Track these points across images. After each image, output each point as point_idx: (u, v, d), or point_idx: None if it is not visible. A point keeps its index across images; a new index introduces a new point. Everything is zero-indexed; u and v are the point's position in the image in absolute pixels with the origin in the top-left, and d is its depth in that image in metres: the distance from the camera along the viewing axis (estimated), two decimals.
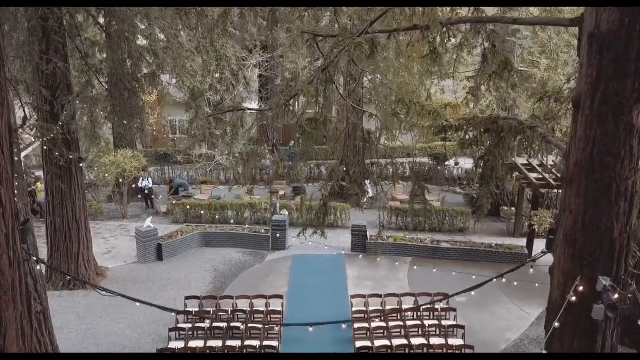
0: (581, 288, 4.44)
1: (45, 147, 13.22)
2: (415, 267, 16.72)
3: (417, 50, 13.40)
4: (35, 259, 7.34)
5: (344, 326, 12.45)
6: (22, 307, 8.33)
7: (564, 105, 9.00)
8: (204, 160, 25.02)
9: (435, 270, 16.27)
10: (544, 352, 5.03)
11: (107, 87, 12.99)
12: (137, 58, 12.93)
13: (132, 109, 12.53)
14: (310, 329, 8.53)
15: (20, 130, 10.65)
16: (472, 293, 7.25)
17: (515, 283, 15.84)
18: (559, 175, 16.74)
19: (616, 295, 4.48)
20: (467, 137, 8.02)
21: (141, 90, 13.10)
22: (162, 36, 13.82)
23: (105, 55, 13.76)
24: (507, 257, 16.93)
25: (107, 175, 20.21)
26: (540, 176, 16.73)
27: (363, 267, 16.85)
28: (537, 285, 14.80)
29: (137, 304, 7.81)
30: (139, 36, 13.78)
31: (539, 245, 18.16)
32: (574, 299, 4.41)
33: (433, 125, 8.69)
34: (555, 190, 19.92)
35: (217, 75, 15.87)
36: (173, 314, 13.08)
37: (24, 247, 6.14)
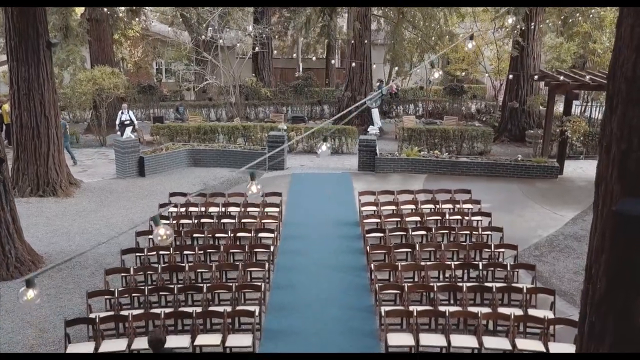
0: None
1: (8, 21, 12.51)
2: (431, 179, 16.09)
3: None
4: None
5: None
6: None
7: None
8: (192, 84, 24.26)
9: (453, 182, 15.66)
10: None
11: None
12: None
13: None
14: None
15: None
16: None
17: (545, 191, 15.29)
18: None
19: None
20: None
21: None
22: None
23: None
24: (535, 170, 16.24)
25: (82, 94, 19.46)
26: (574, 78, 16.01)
27: (372, 182, 16.20)
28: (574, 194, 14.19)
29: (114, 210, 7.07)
30: None
31: (570, 163, 17.53)
32: None
33: None
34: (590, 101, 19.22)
35: None
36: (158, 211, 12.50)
37: None
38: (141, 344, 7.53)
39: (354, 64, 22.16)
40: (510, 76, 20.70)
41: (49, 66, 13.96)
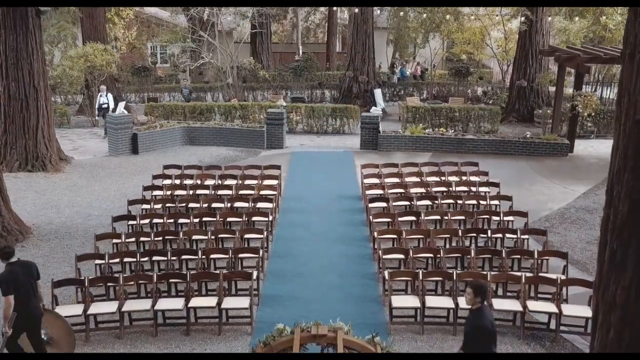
0: None
1: None
2: (436, 157, 15.92)
3: None
4: None
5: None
6: None
7: None
8: (187, 65, 24.00)
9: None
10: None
11: None
12: None
13: None
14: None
15: None
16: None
17: (555, 168, 15.12)
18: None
19: None
20: None
21: None
22: None
23: None
24: (545, 148, 16.05)
25: (73, 71, 19.23)
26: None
27: (374, 160, 15.98)
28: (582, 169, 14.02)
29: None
30: None
31: (581, 142, 17.33)
32: None
33: None
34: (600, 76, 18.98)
35: None
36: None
37: None
38: (133, 306, 7.38)
39: (357, 10, 21.53)
40: (521, 25, 20.12)
41: (38, 35, 13.78)
